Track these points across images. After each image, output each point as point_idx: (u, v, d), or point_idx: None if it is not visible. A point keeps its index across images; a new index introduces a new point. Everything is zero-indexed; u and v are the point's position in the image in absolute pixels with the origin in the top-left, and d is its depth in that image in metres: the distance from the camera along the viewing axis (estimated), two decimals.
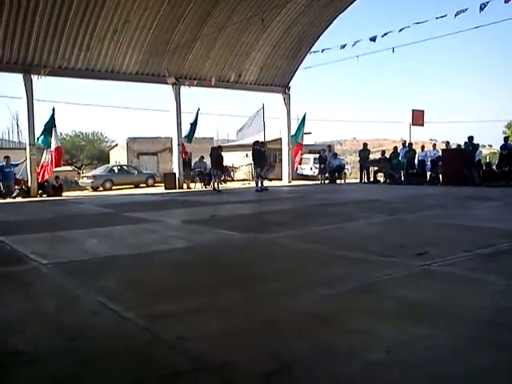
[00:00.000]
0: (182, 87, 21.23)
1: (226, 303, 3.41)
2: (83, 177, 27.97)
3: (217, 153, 17.89)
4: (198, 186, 21.98)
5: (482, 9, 12.46)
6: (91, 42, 17.96)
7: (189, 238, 6.61)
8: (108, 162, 36.16)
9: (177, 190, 20.00)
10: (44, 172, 18.37)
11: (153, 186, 26.18)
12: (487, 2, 12.36)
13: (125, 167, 28.51)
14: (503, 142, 17.35)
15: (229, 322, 3.04)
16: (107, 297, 3.59)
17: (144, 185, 26.70)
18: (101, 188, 25.14)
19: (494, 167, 16.58)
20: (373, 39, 15.42)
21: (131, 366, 2.43)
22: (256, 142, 17.78)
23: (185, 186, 21.40)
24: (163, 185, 21.81)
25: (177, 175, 21.34)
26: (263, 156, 17.50)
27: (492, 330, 2.75)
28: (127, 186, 25.68)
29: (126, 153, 32.87)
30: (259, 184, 16.98)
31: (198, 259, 5.21)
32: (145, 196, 16.89)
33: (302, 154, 25.81)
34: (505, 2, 12.01)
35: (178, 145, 21.36)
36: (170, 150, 24.67)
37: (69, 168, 34.61)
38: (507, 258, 4.72)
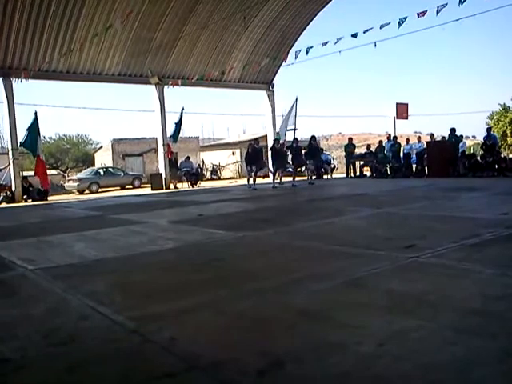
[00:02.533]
0: (166, 87, 21.14)
1: (216, 302, 3.40)
2: (69, 180, 27.73)
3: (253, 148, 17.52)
4: (184, 186, 21.91)
5: (461, 2, 12.59)
6: (72, 44, 17.79)
7: (177, 238, 6.59)
8: (93, 165, 35.92)
9: (164, 191, 19.93)
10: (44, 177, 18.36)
11: (139, 187, 26.05)
12: None
13: (110, 169, 28.31)
14: (486, 133, 17.55)
15: (219, 321, 3.03)
16: (96, 300, 3.56)
17: (130, 186, 26.57)
18: (87, 191, 24.95)
19: (479, 158, 16.75)
20: (354, 36, 15.49)
21: (122, 369, 2.41)
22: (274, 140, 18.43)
23: (171, 186, 21.33)
24: (150, 186, 21.72)
25: (163, 176, 21.27)
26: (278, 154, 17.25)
27: (479, 320, 2.78)
28: (113, 188, 25.53)
29: (111, 155, 32.64)
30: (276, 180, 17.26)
31: (186, 259, 5.19)
32: (132, 197, 16.79)
33: None
34: None
35: (164, 145, 21.29)
36: (156, 150, 24.58)
37: (54, 172, 34.36)
38: (492, 247, 4.77)
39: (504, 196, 9.50)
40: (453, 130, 17.94)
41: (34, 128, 17.99)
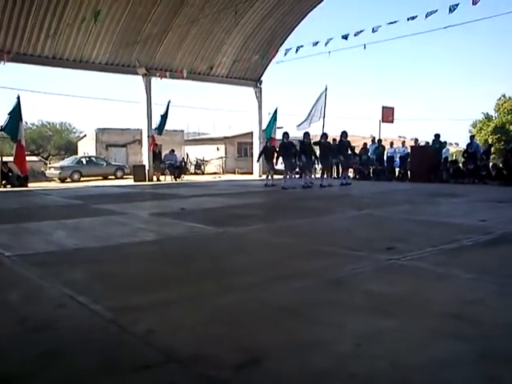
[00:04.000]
0: (153, 79, 20.98)
1: (197, 296, 3.40)
2: (50, 167, 27.33)
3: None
4: (168, 179, 21.80)
5: (451, 10, 12.74)
6: (59, 28, 17.48)
7: (158, 231, 6.56)
8: (76, 153, 35.46)
9: (146, 183, 19.80)
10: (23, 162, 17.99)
11: (122, 178, 25.81)
12: (456, 5, 12.66)
13: (93, 158, 27.98)
14: (469, 141, 17.77)
15: (199, 315, 3.02)
16: (74, 289, 3.53)
17: (113, 177, 26.30)
18: (68, 179, 24.63)
19: (461, 165, 16.96)
20: (345, 37, 15.54)
21: (98, 359, 2.39)
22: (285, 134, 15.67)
23: (154, 178, 21.19)
24: (132, 177, 21.55)
25: (146, 167, 21.12)
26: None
27: (456, 323, 2.82)
28: (96, 178, 25.26)
29: (94, 144, 32.28)
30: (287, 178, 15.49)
31: (167, 252, 5.17)
32: (114, 188, 16.64)
33: None
34: (472, 4, 12.27)
35: (148, 137, 21.13)
36: (140, 141, 24.35)
37: (35, 158, 33.86)
38: (470, 253, 4.84)
39: (483, 203, 9.65)
40: (437, 136, 18.14)
41: (16, 112, 17.64)
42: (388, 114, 22.85)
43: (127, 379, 2.20)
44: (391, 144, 20.74)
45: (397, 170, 19.10)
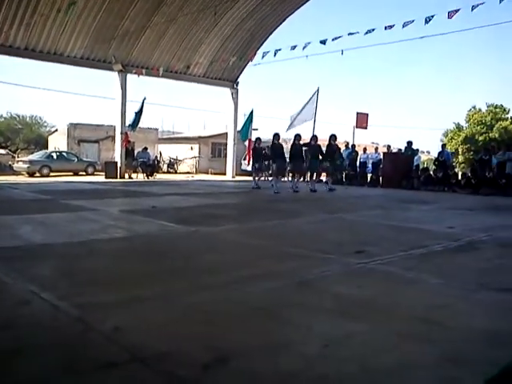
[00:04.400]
0: (129, 75, 20.76)
1: (166, 294, 3.36)
2: (18, 161, 26.72)
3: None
4: (140, 177, 21.58)
5: (427, 21, 13.01)
6: (33, 18, 17.09)
7: (128, 228, 6.47)
8: (46, 148, 34.75)
9: (118, 180, 19.57)
10: None
11: (93, 174, 25.44)
12: (432, 16, 12.95)
13: (64, 154, 27.47)
14: (440, 149, 18.14)
15: (167, 313, 2.99)
16: (40, 285, 3.44)
17: (84, 173, 25.89)
18: (37, 174, 24.13)
19: (431, 172, 17.28)
20: (323, 42, 15.66)
21: (62, 358, 2.33)
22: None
23: (126, 175, 20.96)
24: (104, 174, 21.26)
25: (118, 164, 20.87)
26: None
27: (423, 327, 2.85)
28: (66, 174, 24.81)
29: (66, 139, 31.72)
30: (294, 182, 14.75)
31: (136, 249, 5.11)
32: (85, 184, 16.38)
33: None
34: (448, 18, 12.54)
35: (122, 133, 20.90)
36: (113, 138, 24.07)
37: (2, 151, 33.07)
38: (439, 258, 4.92)
39: (452, 210, 9.83)
40: (409, 143, 18.44)
41: None
42: (362, 120, 23.10)
43: (91, 379, 2.15)
44: (364, 150, 20.97)
45: (369, 175, 19.33)
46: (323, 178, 20.56)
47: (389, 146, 20.37)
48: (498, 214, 9.41)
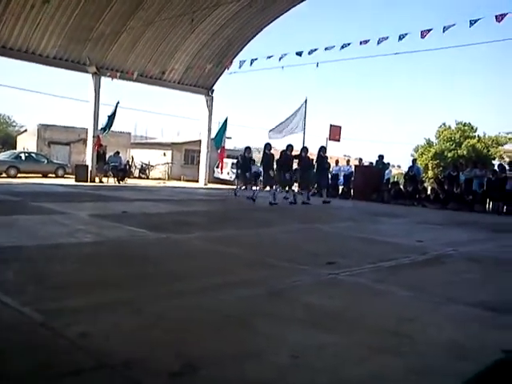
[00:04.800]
0: (103, 78, 20.53)
1: (135, 300, 3.30)
2: None
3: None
4: (110, 181, 21.30)
5: (400, 38, 13.33)
6: (4, 15, 16.69)
7: (98, 233, 6.37)
8: (15, 148, 33.96)
9: (88, 184, 19.27)
10: None
11: (63, 177, 24.94)
12: (406, 34, 13.27)
13: (33, 155, 26.86)
14: (411, 164, 18.47)
15: (137, 320, 2.94)
16: (3, 290, 3.33)
17: (53, 175, 25.38)
18: (4, 175, 23.54)
19: (402, 186, 17.56)
20: (299, 54, 15.81)
21: (27, 365, 2.26)
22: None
23: (97, 179, 20.66)
24: (74, 177, 20.91)
25: (89, 168, 20.56)
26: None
27: (391, 339, 2.88)
28: (35, 175, 24.28)
29: (35, 140, 31.06)
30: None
31: (106, 255, 5.02)
32: (54, 186, 16.06)
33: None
34: (421, 37, 12.86)
35: (94, 137, 20.62)
36: (85, 141, 23.68)
37: None
38: (407, 271, 4.99)
39: (421, 224, 10.01)
40: (381, 157, 18.71)
41: None
42: (335, 133, 23.28)
43: None
44: (336, 162, 21.17)
45: (340, 187, 19.52)
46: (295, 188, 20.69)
47: (360, 159, 20.63)
48: (465, 228, 9.62)
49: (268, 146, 13.95)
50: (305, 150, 14.87)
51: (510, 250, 7.04)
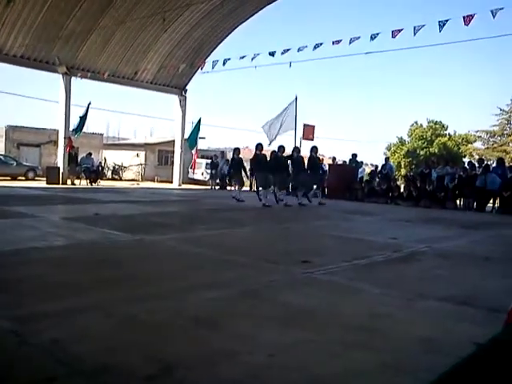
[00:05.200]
0: (74, 78, 20.19)
1: (107, 304, 3.25)
2: None
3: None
4: (83, 183, 20.98)
5: (372, 38, 13.46)
6: None
7: (70, 236, 6.25)
8: None
9: (60, 186, 18.93)
10: None
11: (33, 179, 24.45)
12: (377, 34, 13.41)
13: (1, 157, 26.28)
14: (384, 162, 18.68)
15: (109, 324, 2.89)
16: None
17: (23, 178, 24.87)
18: None
19: (375, 184, 17.73)
20: (272, 54, 15.82)
21: None
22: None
23: (69, 181, 20.32)
24: (45, 179, 20.52)
25: (61, 170, 20.20)
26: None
27: (365, 335, 2.90)
28: (3, 178, 23.75)
29: (3, 141, 30.38)
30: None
31: (78, 258, 4.93)
32: (24, 189, 15.72)
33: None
34: (392, 37, 13.01)
35: (65, 138, 20.27)
36: (56, 142, 23.28)
37: None
38: (381, 268, 5.04)
39: (394, 222, 10.13)
40: (354, 156, 18.89)
41: None
42: (309, 132, 23.36)
43: None
44: None
45: (314, 186, 19.59)
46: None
47: (334, 158, 20.79)
48: (437, 225, 9.77)
49: (259, 147, 13.64)
50: (297, 150, 14.61)
51: (479, 245, 7.18)
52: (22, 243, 5.44)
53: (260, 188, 13.64)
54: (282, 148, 13.91)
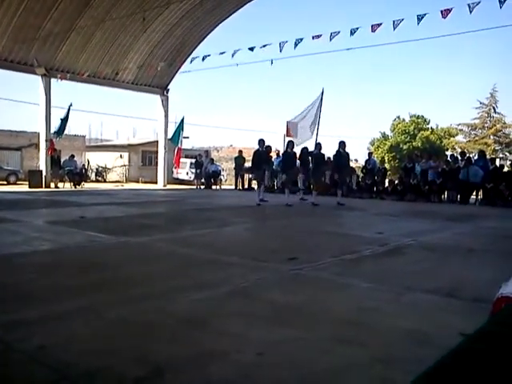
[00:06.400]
0: (53, 80, 19.94)
1: (94, 307, 3.22)
2: None
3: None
4: (66, 186, 20.77)
5: (352, 33, 13.54)
6: None
7: (55, 240, 6.18)
8: None
9: (43, 189, 18.71)
10: None
11: (15, 183, 24.15)
12: (357, 28, 13.49)
13: None
14: (367, 158, 18.78)
15: (97, 327, 2.86)
16: None
17: (5, 182, 24.55)
18: None
19: (360, 179, 17.83)
20: (251, 49, 15.81)
21: None
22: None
23: (52, 185, 20.09)
24: (27, 183, 20.26)
25: (43, 173, 19.96)
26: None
27: (354, 330, 2.92)
28: None
29: None
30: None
31: (63, 262, 4.88)
32: (6, 194, 15.51)
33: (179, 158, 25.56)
34: (372, 31, 13.09)
35: (46, 141, 20.02)
36: (37, 145, 22.98)
37: None
38: (368, 263, 5.08)
39: (380, 216, 10.20)
40: (342, 144, 18.89)
41: None
42: (292, 129, 23.47)
43: None
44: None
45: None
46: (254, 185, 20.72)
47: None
48: (422, 219, 9.86)
49: (261, 143, 13.11)
50: (318, 146, 13.79)
51: (464, 237, 7.27)
52: (6, 249, 5.36)
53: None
54: (291, 144, 13.42)
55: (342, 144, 13.11)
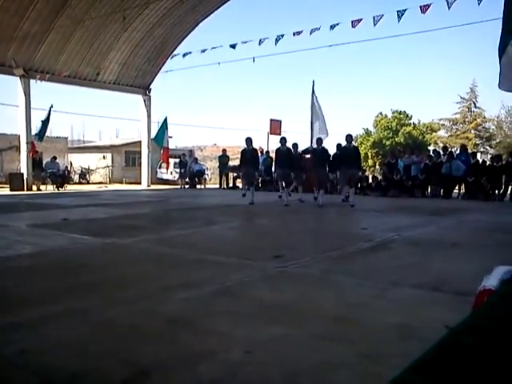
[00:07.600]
0: (33, 81, 19.67)
1: (78, 310, 3.18)
2: None
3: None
4: (49, 188, 20.53)
5: (332, 28, 13.64)
6: None
7: (37, 243, 6.10)
8: None
9: (25, 192, 18.47)
10: None
11: None
12: (337, 24, 13.60)
13: None
14: None
15: (82, 330, 2.83)
16: None
17: None
18: None
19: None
20: (233, 46, 15.79)
21: None
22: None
23: (34, 187, 19.84)
24: (8, 186, 19.99)
25: (25, 176, 19.71)
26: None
27: (341, 327, 2.93)
28: None
29: None
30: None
31: (46, 265, 4.81)
32: None
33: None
34: (352, 27, 13.18)
35: (27, 143, 19.75)
36: (18, 148, 22.67)
37: None
38: (353, 259, 5.10)
39: (365, 212, 10.27)
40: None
41: None
42: (276, 127, 23.49)
43: None
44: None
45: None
46: (239, 184, 20.71)
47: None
48: (406, 214, 9.94)
49: (248, 141, 12.57)
50: (319, 141, 13.09)
51: (447, 231, 7.35)
52: None
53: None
54: (283, 140, 12.89)
55: (349, 137, 12.44)
